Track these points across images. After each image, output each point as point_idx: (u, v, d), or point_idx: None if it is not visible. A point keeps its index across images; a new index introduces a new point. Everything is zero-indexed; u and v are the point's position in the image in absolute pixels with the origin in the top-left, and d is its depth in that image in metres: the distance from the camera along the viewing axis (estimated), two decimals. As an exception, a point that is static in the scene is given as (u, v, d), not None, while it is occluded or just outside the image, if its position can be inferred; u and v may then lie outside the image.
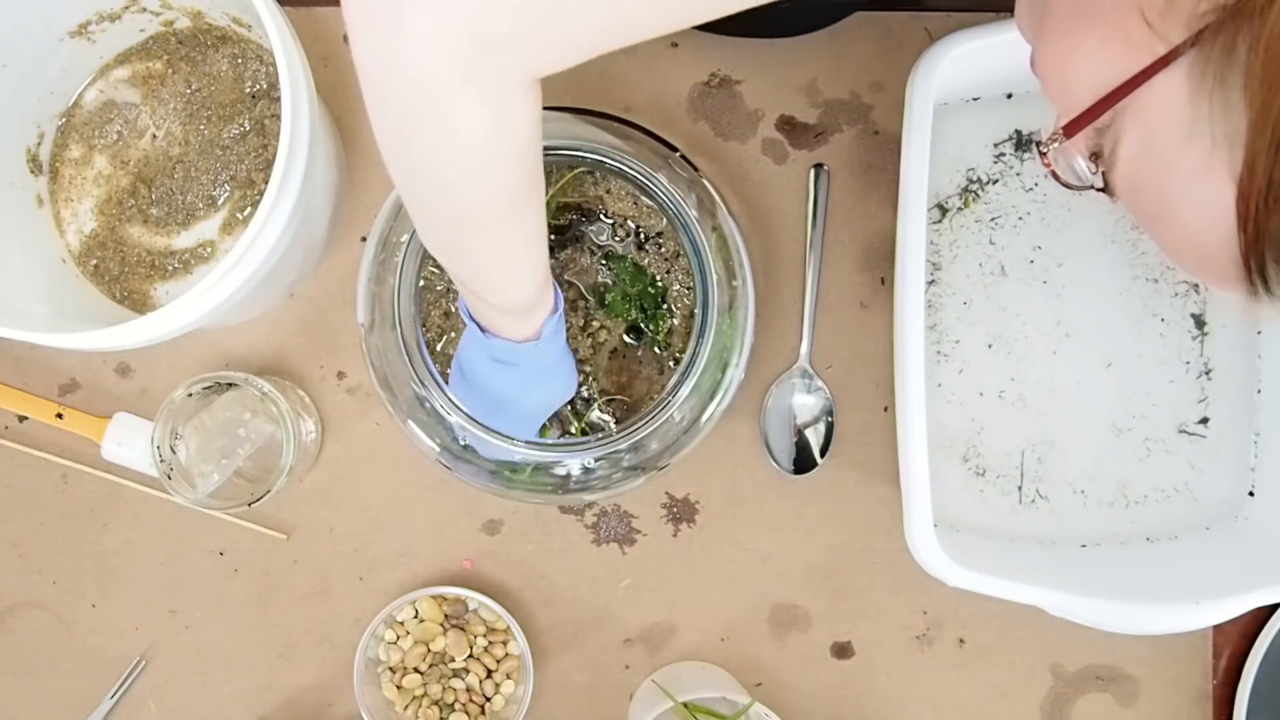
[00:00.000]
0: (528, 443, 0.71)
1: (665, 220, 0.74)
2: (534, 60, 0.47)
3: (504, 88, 0.47)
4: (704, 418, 0.72)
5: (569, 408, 0.75)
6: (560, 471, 0.74)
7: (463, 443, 0.73)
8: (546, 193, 0.73)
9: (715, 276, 0.71)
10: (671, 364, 0.75)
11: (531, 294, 0.61)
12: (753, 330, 0.72)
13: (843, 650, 0.81)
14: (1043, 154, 0.48)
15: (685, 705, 0.73)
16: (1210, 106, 0.39)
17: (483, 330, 0.64)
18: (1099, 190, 0.46)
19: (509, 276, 0.59)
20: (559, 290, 0.65)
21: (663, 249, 0.76)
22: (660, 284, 0.75)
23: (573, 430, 0.75)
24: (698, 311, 0.71)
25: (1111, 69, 0.42)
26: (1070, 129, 0.45)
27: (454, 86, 0.45)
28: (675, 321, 0.75)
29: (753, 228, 0.81)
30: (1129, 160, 0.43)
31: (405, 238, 0.71)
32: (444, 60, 0.44)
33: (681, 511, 0.81)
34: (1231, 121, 0.38)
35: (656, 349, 0.75)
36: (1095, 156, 0.45)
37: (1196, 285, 0.79)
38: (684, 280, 0.75)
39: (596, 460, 0.73)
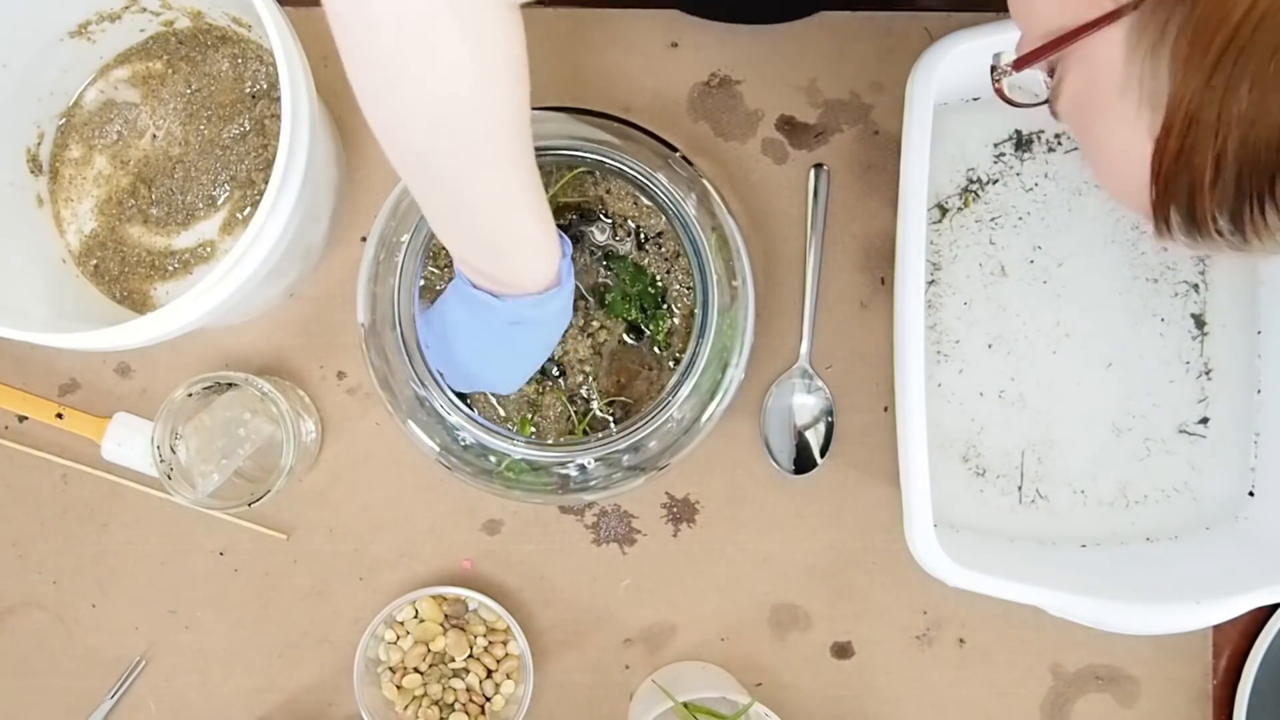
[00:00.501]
0: (527, 442, 0.71)
1: (665, 220, 0.74)
2: None
3: (484, 11, 0.47)
4: (704, 418, 0.73)
5: (572, 409, 0.75)
6: (561, 471, 0.74)
7: (463, 443, 0.73)
8: (546, 192, 0.73)
9: (715, 276, 0.71)
10: (671, 364, 0.75)
11: (544, 238, 0.61)
12: (753, 330, 0.73)
13: (843, 650, 0.81)
14: (995, 79, 0.52)
15: (685, 705, 0.73)
16: (1142, 69, 0.42)
17: (497, 297, 0.63)
18: (1046, 105, 0.50)
19: (518, 224, 0.59)
20: (562, 233, 0.65)
21: (663, 249, 0.76)
22: (660, 284, 0.75)
23: (574, 422, 0.75)
24: (698, 311, 0.71)
25: (1065, 14, 0.45)
26: (1020, 63, 0.49)
27: (434, 14, 0.46)
28: (675, 321, 0.75)
29: (753, 228, 0.81)
30: (1070, 95, 0.47)
31: (405, 237, 0.71)
32: None
33: (681, 511, 0.81)
34: (1157, 87, 0.42)
35: (656, 349, 0.75)
36: (1052, 73, 0.49)
37: (1196, 285, 0.79)
38: (684, 280, 0.75)
39: (596, 460, 0.73)
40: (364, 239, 0.80)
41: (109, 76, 0.80)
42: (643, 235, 0.75)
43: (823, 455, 0.80)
